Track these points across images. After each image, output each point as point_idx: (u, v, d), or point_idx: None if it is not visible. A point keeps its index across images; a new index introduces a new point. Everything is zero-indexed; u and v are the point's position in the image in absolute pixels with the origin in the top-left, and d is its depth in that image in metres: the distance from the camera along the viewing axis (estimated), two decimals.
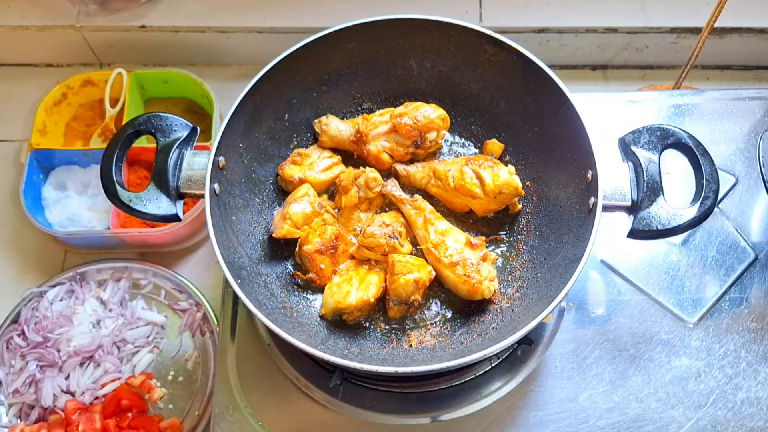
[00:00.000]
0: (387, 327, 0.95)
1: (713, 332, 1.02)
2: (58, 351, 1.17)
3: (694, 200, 0.86)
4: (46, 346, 1.18)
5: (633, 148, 0.88)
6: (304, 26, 1.40)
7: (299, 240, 0.96)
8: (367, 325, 0.95)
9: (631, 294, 1.05)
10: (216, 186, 0.91)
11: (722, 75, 1.50)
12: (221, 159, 0.92)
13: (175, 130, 0.92)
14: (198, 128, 0.94)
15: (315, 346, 0.82)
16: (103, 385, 1.16)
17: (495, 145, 1.04)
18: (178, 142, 0.91)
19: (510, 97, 1.02)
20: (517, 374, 0.99)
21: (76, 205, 1.30)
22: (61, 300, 1.23)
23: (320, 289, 0.97)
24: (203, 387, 1.18)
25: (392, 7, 1.40)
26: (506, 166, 0.98)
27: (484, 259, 0.94)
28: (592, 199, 0.87)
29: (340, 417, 0.98)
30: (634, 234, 0.86)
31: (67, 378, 1.17)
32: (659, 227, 0.85)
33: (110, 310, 1.22)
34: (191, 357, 1.21)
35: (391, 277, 0.92)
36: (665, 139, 0.89)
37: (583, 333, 1.02)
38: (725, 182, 1.11)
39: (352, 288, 0.92)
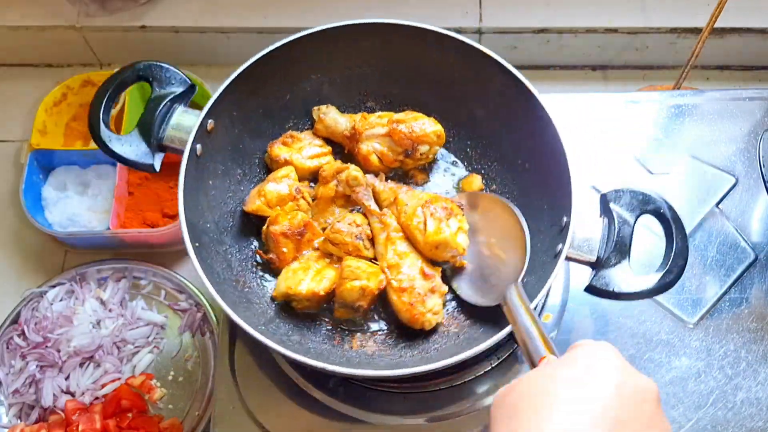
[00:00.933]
0: (334, 324, 0.95)
1: (713, 332, 1.02)
2: (58, 351, 1.17)
3: (659, 269, 0.86)
4: (46, 347, 1.18)
5: (612, 205, 0.88)
6: (305, 26, 1.39)
7: (268, 219, 0.96)
8: (317, 318, 0.95)
9: None
10: (198, 147, 0.90)
11: (722, 75, 1.50)
12: (210, 122, 0.92)
13: (173, 83, 0.92)
14: (195, 86, 0.94)
15: (254, 326, 0.82)
16: (103, 386, 1.16)
17: (472, 182, 1.03)
18: (172, 96, 0.91)
19: (511, 130, 1.01)
20: (517, 374, 0.99)
21: (76, 206, 1.30)
22: (61, 300, 1.23)
23: (278, 272, 0.96)
24: (203, 387, 1.18)
25: (394, 8, 1.39)
26: (459, 221, 0.94)
27: (432, 291, 0.91)
28: (560, 246, 0.86)
29: (340, 417, 0.98)
30: (590, 289, 0.87)
31: (67, 378, 1.17)
32: (615, 289, 0.85)
33: (110, 311, 1.22)
34: (191, 357, 1.21)
35: (339, 279, 0.91)
36: (645, 205, 0.88)
37: (582, 333, 1.02)
38: (725, 183, 1.11)
39: (306, 277, 0.92)
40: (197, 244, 0.85)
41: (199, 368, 1.20)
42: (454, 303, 0.95)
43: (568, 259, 0.86)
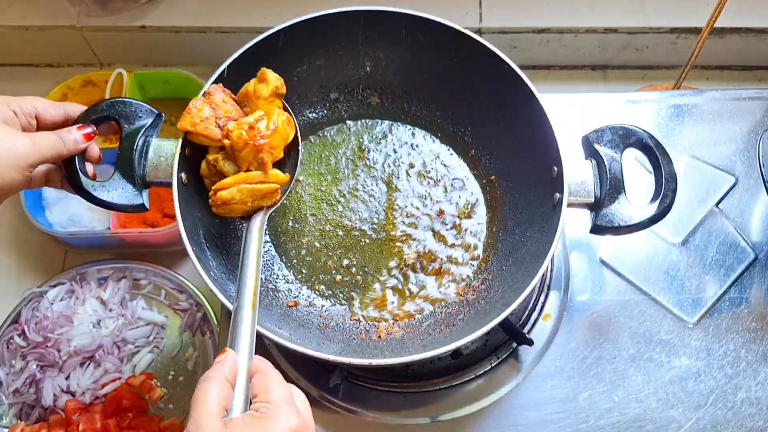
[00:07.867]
0: (358, 318, 0.96)
1: (713, 332, 1.02)
2: (59, 351, 1.17)
3: (654, 198, 0.88)
4: (47, 346, 1.18)
5: (596, 146, 0.90)
6: None
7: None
8: (339, 316, 0.96)
9: (631, 294, 1.05)
10: (183, 175, 0.88)
11: (722, 75, 1.50)
12: (188, 147, 0.89)
13: (140, 117, 0.89)
14: (163, 115, 0.91)
15: (284, 338, 0.82)
16: (103, 385, 1.16)
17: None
18: (144, 129, 0.88)
19: (480, 93, 1.01)
20: (517, 374, 0.99)
21: (77, 205, 1.30)
22: (61, 300, 1.23)
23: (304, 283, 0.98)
24: None
25: (394, 6, 1.39)
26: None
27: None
28: (557, 195, 0.88)
29: (339, 416, 0.98)
30: (596, 230, 0.88)
31: (67, 378, 1.17)
32: (621, 224, 0.86)
33: (110, 310, 1.22)
34: (191, 357, 1.21)
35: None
36: (627, 138, 0.90)
37: (582, 333, 1.02)
38: (725, 182, 1.11)
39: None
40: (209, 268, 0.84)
41: (199, 368, 1.20)
42: (463, 271, 0.96)
43: (569, 205, 0.87)
